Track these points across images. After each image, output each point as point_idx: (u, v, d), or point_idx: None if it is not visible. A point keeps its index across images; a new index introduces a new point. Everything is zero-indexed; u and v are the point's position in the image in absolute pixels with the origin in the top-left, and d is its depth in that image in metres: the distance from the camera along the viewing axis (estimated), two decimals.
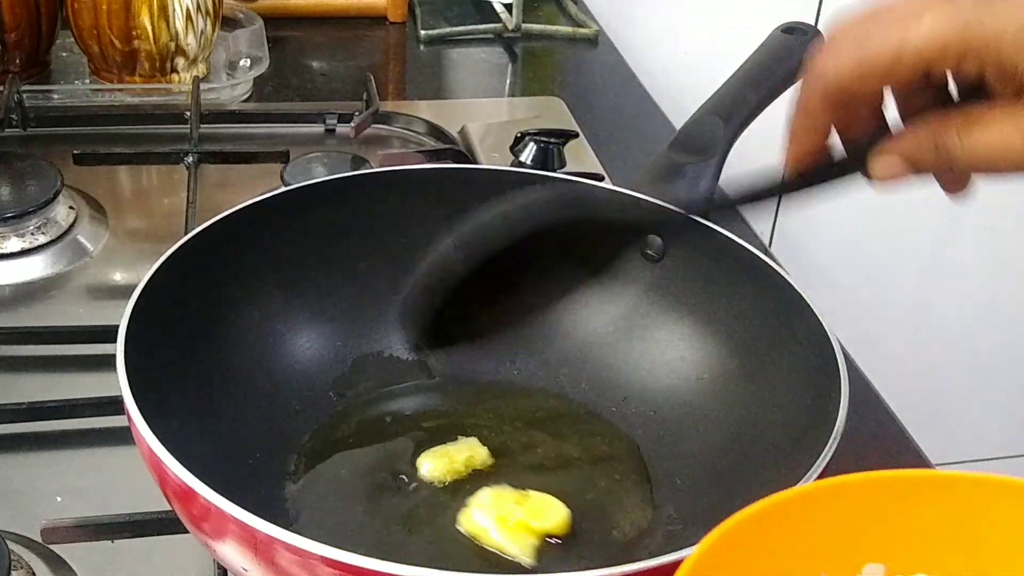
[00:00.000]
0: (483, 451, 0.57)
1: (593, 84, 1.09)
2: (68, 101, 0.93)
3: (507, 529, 0.52)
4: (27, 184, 0.77)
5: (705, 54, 1.17)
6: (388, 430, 0.59)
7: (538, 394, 0.62)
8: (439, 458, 0.56)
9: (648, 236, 0.61)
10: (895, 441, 0.69)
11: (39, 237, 0.75)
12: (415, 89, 1.06)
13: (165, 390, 0.49)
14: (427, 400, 0.62)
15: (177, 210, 0.78)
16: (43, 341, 0.67)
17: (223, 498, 0.41)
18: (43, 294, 0.73)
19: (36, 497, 0.57)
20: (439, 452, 0.56)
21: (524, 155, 0.82)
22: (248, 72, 0.98)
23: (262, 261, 0.59)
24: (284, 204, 0.60)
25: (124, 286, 0.73)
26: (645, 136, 0.98)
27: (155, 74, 0.94)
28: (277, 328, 0.60)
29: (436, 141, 0.91)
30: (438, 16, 1.16)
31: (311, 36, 1.11)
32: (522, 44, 1.13)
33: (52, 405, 0.60)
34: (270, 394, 0.58)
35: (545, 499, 0.54)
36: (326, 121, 0.93)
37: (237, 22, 1.04)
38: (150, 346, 0.50)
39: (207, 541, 0.44)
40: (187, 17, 0.92)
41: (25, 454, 0.60)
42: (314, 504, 0.54)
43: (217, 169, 0.84)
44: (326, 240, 0.61)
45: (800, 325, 0.54)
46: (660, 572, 0.40)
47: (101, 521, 0.52)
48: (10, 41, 0.92)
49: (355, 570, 0.39)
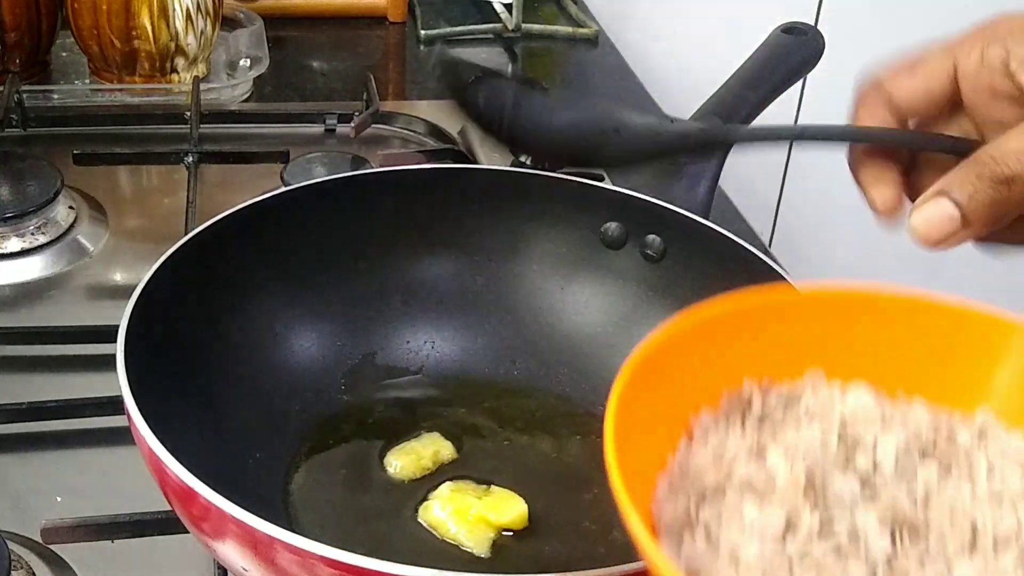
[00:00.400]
0: (447, 445, 0.57)
1: (593, 84, 1.09)
2: (68, 101, 0.93)
3: (465, 522, 0.52)
4: (27, 184, 0.77)
5: (705, 54, 1.17)
6: (388, 430, 0.59)
7: (538, 394, 0.62)
8: (406, 455, 0.56)
9: (648, 236, 0.61)
10: None
11: (39, 237, 0.75)
12: (415, 89, 1.06)
13: (165, 390, 0.49)
14: (427, 399, 0.61)
15: (177, 210, 0.78)
16: (43, 341, 0.67)
17: (223, 498, 0.41)
18: (43, 294, 0.73)
19: (36, 497, 0.57)
20: (406, 449, 0.57)
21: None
22: (248, 72, 0.98)
23: (262, 261, 0.59)
24: (284, 204, 0.60)
25: (124, 286, 0.73)
26: None
27: (155, 74, 0.94)
28: (277, 328, 0.60)
29: (436, 141, 0.91)
30: (438, 16, 1.16)
31: (311, 36, 1.11)
32: (522, 44, 1.13)
33: (52, 405, 0.60)
34: (270, 394, 0.58)
35: (505, 494, 0.54)
36: (326, 121, 0.93)
37: (237, 22, 1.04)
38: (150, 346, 0.50)
39: (207, 541, 0.44)
40: (187, 17, 0.92)
41: (25, 454, 0.60)
42: (314, 504, 0.54)
43: (217, 169, 0.84)
44: (326, 240, 0.61)
45: None
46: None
47: (101, 521, 0.52)
48: (10, 41, 0.92)
49: (355, 570, 0.39)
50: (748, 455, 0.35)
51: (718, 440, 0.36)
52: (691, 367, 0.37)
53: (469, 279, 0.64)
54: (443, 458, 0.57)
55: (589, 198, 0.62)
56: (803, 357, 0.39)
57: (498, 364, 0.63)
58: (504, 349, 0.63)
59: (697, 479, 0.34)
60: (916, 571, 0.32)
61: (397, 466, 0.56)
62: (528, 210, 0.63)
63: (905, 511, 0.33)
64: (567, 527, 0.54)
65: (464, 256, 0.64)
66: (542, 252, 0.63)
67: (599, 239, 0.62)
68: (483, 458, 0.58)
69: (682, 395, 0.37)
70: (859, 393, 0.38)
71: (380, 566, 0.39)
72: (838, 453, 0.35)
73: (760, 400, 0.37)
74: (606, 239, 0.62)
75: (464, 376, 0.62)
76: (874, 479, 0.35)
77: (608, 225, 0.61)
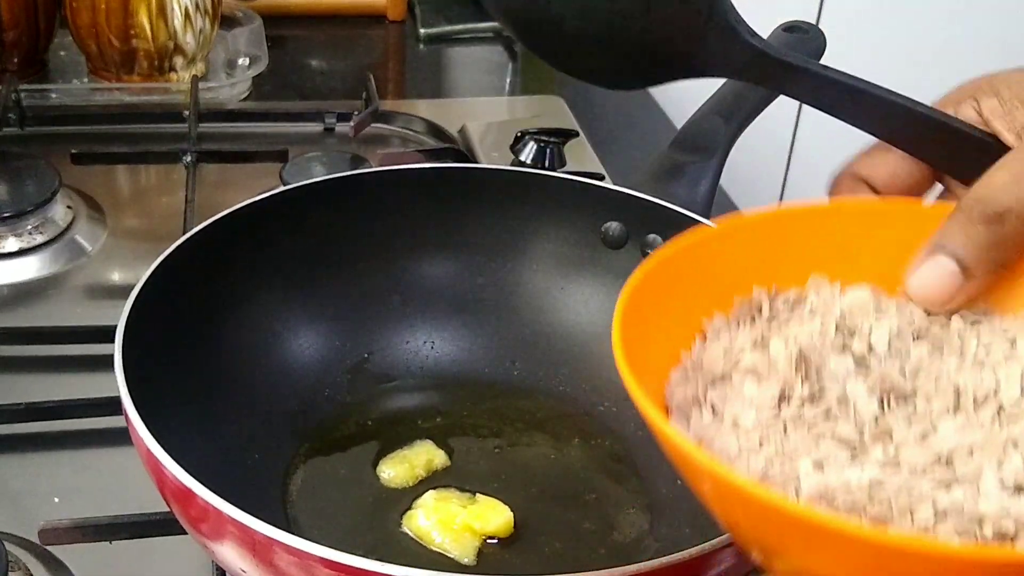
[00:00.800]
0: (440, 453, 0.57)
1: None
2: (66, 100, 0.93)
3: (450, 531, 0.52)
4: (25, 183, 0.77)
5: None
6: (387, 430, 0.59)
7: (538, 394, 0.62)
8: (399, 464, 0.56)
9: (648, 236, 0.60)
10: None
11: (37, 237, 0.75)
12: (415, 88, 1.06)
13: (163, 390, 0.49)
14: (427, 400, 0.61)
15: (175, 209, 0.77)
16: (41, 341, 0.66)
17: (221, 499, 0.41)
18: (41, 294, 0.72)
19: (33, 498, 0.57)
20: (398, 458, 0.56)
21: (524, 154, 0.82)
22: (247, 71, 0.98)
23: (261, 261, 0.59)
24: (283, 204, 0.60)
25: (122, 286, 0.73)
26: (645, 135, 0.98)
27: (153, 73, 0.94)
28: (276, 328, 0.60)
29: (436, 140, 0.91)
30: (438, 15, 1.16)
31: (310, 35, 1.11)
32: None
33: (50, 405, 0.60)
34: (268, 395, 0.58)
35: (490, 503, 0.54)
36: (325, 120, 0.92)
37: (236, 21, 1.04)
38: (148, 346, 0.50)
39: (205, 542, 0.44)
40: (185, 16, 0.92)
41: (22, 454, 0.60)
42: (312, 505, 0.54)
43: (216, 168, 0.84)
44: (325, 240, 0.61)
45: None
46: (662, 573, 0.40)
47: (99, 522, 0.52)
48: (8, 40, 0.92)
49: (354, 571, 0.39)
50: (753, 346, 0.37)
51: (728, 337, 0.38)
52: (703, 275, 0.39)
53: (469, 279, 0.63)
54: (436, 466, 0.56)
55: (589, 198, 0.62)
56: (810, 266, 0.40)
57: (498, 364, 0.63)
58: (504, 349, 0.62)
59: (708, 370, 0.37)
60: (902, 429, 0.34)
61: (390, 475, 0.56)
62: (528, 210, 0.63)
63: (894, 380, 0.35)
64: (566, 530, 0.54)
65: (464, 256, 0.63)
66: (542, 252, 0.63)
67: (599, 239, 0.62)
68: (479, 461, 0.57)
69: (696, 301, 0.39)
70: (858, 291, 0.40)
71: (379, 567, 0.39)
72: (835, 340, 0.37)
73: (768, 303, 0.39)
74: (606, 239, 0.61)
75: (464, 376, 0.62)
76: (868, 359, 0.37)
77: (608, 225, 0.61)
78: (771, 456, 0.33)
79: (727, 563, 0.42)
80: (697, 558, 0.41)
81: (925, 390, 0.35)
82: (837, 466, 0.32)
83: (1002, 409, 0.34)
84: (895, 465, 0.32)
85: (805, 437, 0.33)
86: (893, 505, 0.30)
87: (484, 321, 0.63)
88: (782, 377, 0.36)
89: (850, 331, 0.38)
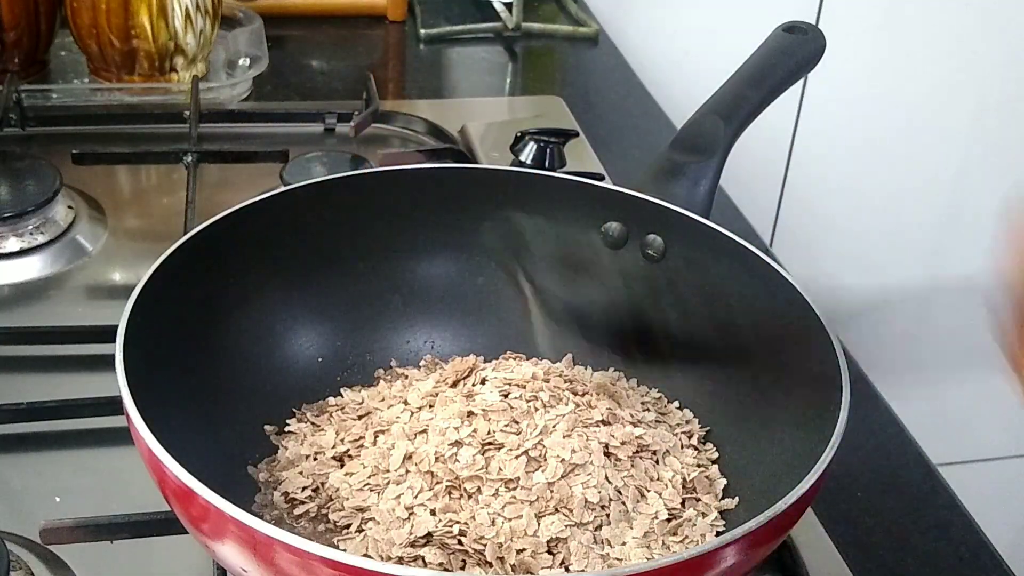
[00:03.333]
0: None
1: (593, 83, 1.09)
2: (67, 100, 0.93)
3: None
4: (26, 184, 0.77)
5: (705, 53, 1.17)
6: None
7: None
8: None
9: (648, 236, 0.60)
10: (895, 441, 0.69)
11: (38, 237, 0.75)
12: (415, 88, 1.06)
13: (164, 390, 0.49)
14: None
15: (176, 210, 0.78)
16: (42, 341, 0.66)
17: (222, 499, 0.41)
18: (42, 294, 0.72)
19: (35, 497, 0.57)
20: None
21: (524, 154, 0.82)
22: (247, 71, 0.98)
23: (261, 261, 0.59)
24: (283, 204, 0.60)
25: (123, 286, 0.73)
26: (645, 135, 0.98)
27: (154, 73, 0.94)
28: (276, 328, 0.60)
29: (436, 140, 0.91)
30: (438, 15, 1.16)
31: (311, 35, 1.11)
32: (522, 43, 1.13)
33: (51, 405, 0.60)
34: (269, 394, 0.58)
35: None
36: (325, 120, 0.92)
37: (236, 21, 1.04)
38: (149, 346, 0.50)
39: (206, 542, 0.44)
40: (186, 16, 0.92)
41: (24, 454, 0.60)
42: None
43: (216, 169, 0.84)
44: (326, 240, 0.61)
45: (800, 325, 0.54)
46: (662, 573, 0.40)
47: (100, 522, 0.52)
48: (9, 40, 0.92)
49: (354, 571, 0.39)
50: None
51: None
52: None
53: (469, 279, 0.64)
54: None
55: (589, 198, 0.62)
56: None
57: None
58: (504, 349, 0.62)
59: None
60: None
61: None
62: (528, 210, 0.63)
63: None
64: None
65: (464, 256, 0.63)
66: (542, 252, 0.63)
67: (599, 239, 0.62)
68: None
69: None
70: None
71: (379, 567, 0.39)
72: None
73: None
74: (606, 239, 0.61)
75: None
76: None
77: (608, 225, 0.61)
78: None
79: (727, 563, 0.42)
80: (697, 558, 0.41)
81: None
82: None
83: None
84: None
85: None
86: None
87: (484, 321, 0.63)
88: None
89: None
